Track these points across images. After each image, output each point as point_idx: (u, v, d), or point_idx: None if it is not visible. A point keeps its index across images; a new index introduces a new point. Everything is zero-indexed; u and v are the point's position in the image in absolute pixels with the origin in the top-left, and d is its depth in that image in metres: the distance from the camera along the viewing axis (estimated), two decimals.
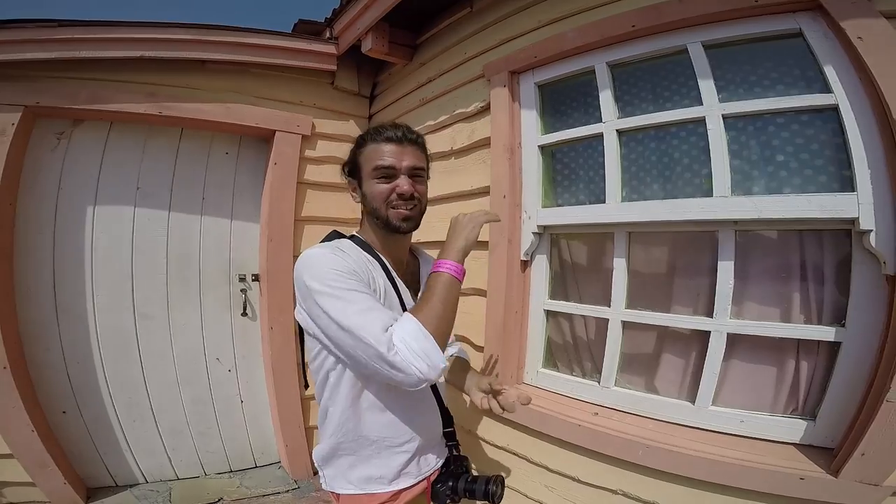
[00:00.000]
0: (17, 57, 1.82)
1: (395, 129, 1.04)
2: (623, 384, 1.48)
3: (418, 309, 0.89)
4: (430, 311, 0.87)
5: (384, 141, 1.03)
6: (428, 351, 0.83)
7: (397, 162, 1.01)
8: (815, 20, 1.16)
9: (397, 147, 1.03)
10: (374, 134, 1.05)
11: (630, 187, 1.47)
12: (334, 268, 0.91)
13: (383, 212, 1.03)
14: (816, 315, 1.17)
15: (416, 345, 0.83)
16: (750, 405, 1.24)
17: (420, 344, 0.83)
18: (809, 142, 1.17)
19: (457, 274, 0.93)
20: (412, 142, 1.05)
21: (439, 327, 0.87)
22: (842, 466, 0.99)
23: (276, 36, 2.24)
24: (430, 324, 0.86)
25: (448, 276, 0.92)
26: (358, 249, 1.04)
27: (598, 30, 1.48)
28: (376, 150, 1.03)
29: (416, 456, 1.06)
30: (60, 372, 2.09)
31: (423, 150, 1.10)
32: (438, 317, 0.88)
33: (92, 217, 2.14)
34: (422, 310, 0.88)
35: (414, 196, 1.03)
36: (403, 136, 1.04)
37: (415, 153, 1.05)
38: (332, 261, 0.92)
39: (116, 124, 2.18)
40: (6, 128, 1.86)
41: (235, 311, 2.46)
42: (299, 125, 2.37)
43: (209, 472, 2.45)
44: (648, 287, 1.46)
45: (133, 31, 1.97)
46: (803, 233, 1.19)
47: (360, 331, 0.83)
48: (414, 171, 1.04)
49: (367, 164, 1.04)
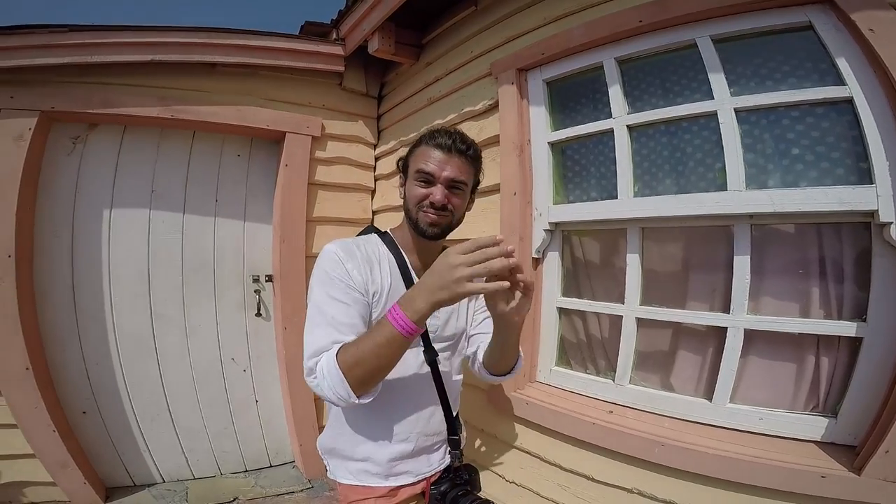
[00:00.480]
0: (30, 62, 1.85)
1: (447, 137, 1.04)
2: (638, 382, 1.46)
3: (352, 346, 0.87)
4: (357, 356, 0.85)
5: (434, 146, 1.04)
6: (336, 387, 0.86)
7: (438, 170, 1.02)
8: (825, 13, 1.14)
9: (444, 155, 1.03)
10: (428, 137, 1.06)
11: (642, 182, 1.45)
12: (326, 270, 0.98)
13: (414, 214, 1.05)
14: (836, 310, 1.15)
15: (329, 381, 0.86)
16: (769, 402, 1.22)
17: (332, 380, 0.86)
18: (825, 135, 1.15)
19: (404, 332, 0.82)
20: (461, 152, 1.04)
21: (357, 375, 0.85)
22: (865, 464, 0.97)
23: (284, 38, 2.26)
24: (349, 366, 0.85)
25: (394, 330, 0.82)
26: (377, 246, 1.08)
27: (606, 25, 1.46)
28: (424, 153, 1.04)
29: (412, 455, 1.09)
30: (80, 373, 2.13)
31: (472, 162, 1.09)
32: (361, 364, 0.85)
33: (108, 220, 2.18)
34: (351, 351, 0.86)
35: (446, 207, 1.03)
36: (453, 144, 1.03)
37: (460, 165, 1.04)
38: (328, 263, 0.99)
39: (130, 128, 2.21)
40: (24, 132, 1.90)
41: (249, 311, 2.48)
42: (309, 126, 2.39)
43: (225, 471, 2.48)
44: (663, 283, 1.44)
45: (143, 35, 1.99)
46: (821, 226, 1.16)
47: (305, 342, 0.93)
48: (452, 182, 1.03)
49: (413, 165, 1.06)
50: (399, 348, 0.85)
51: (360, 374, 0.85)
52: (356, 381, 0.85)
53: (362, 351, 0.85)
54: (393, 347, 0.84)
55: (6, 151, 1.87)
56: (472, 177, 1.10)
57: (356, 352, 0.86)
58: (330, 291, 0.96)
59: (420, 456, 1.11)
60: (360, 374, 0.85)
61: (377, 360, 0.85)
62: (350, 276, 0.97)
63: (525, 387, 1.67)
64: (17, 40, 1.82)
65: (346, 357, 0.86)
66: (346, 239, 1.07)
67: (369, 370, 0.85)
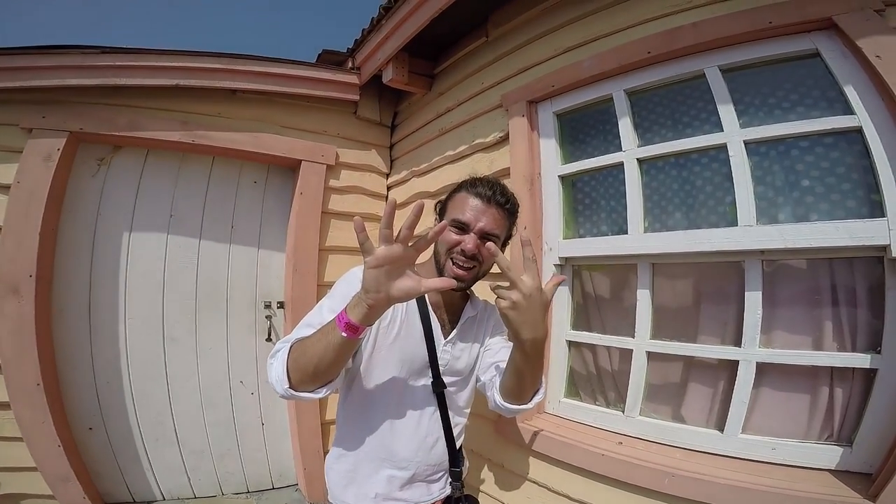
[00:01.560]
0: (62, 82, 1.91)
1: (487, 187, 1.06)
2: (648, 413, 1.44)
3: (306, 340, 0.90)
4: (302, 344, 0.90)
5: (474, 195, 1.06)
6: (276, 375, 0.91)
7: (473, 220, 1.04)
8: (830, 39, 1.16)
9: (482, 205, 1.05)
10: (469, 185, 1.09)
11: (653, 216, 1.45)
12: (340, 286, 1.04)
13: (442, 261, 1.06)
14: (850, 342, 1.13)
15: (276, 362, 0.92)
16: (782, 432, 1.20)
17: (275, 368, 0.91)
18: (835, 165, 1.15)
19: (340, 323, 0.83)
20: (499, 205, 1.07)
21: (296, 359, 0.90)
22: (880, 492, 0.95)
23: (302, 66, 2.33)
24: (293, 350, 0.91)
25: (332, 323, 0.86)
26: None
27: (615, 57, 1.49)
28: (462, 200, 1.07)
29: (409, 482, 1.10)
30: (90, 390, 2.14)
31: (509, 217, 1.11)
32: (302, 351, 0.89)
33: (127, 242, 2.22)
34: (301, 342, 0.91)
35: (476, 257, 1.04)
36: (493, 196, 1.06)
37: (496, 217, 1.06)
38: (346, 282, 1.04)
39: (153, 151, 2.27)
40: (52, 153, 1.94)
41: (260, 336, 2.50)
42: (324, 155, 2.44)
43: (227, 492, 2.46)
44: (674, 317, 1.43)
45: (170, 60, 2.06)
46: (833, 260, 1.16)
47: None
48: (486, 234, 1.05)
49: (451, 210, 1.08)
50: (342, 348, 0.85)
51: (298, 360, 0.89)
52: (293, 366, 0.89)
53: (308, 343, 0.89)
54: (337, 345, 0.84)
55: (35, 171, 1.91)
56: (506, 230, 1.12)
57: (304, 343, 0.90)
58: (332, 303, 0.99)
59: (418, 483, 1.12)
60: (299, 362, 0.89)
61: (315, 355, 0.86)
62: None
63: (533, 417, 1.65)
64: (52, 60, 1.89)
65: (296, 347, 0.91)
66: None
67: (306, 358, 0.88)
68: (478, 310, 1.25)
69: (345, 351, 0.86)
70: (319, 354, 0.85)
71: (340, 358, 0.87)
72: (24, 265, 1.88)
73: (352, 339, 0.83)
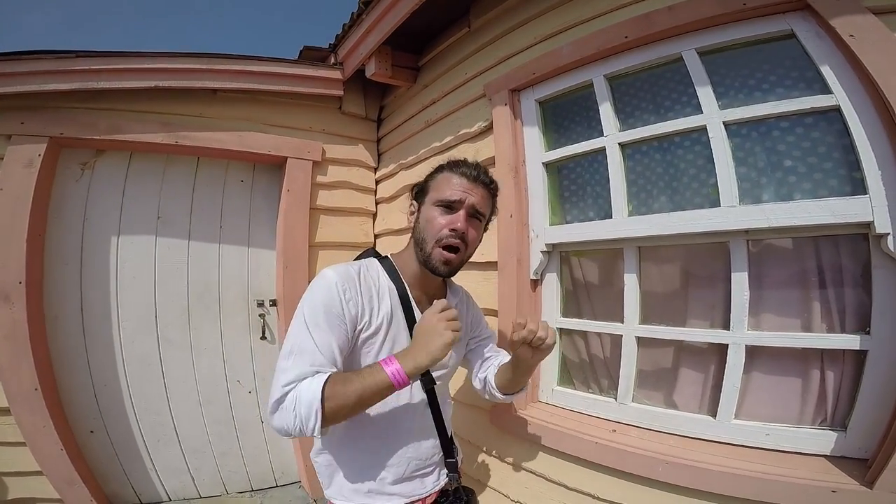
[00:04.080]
0: (39, 88, 1.90)
1: (472, 167, 1.05)
2: (641, 400, 1.44)
3: (339, 382, 0.85)
4: (341, 393, 0.84)
5: (458, 174, 1.04)
6: (306, 420, 0.83)
7: (462, 196, 1.01)
8: (805, 20, 1.14)
9: (469, 183, 1.03)
10: (452, 165, 1.07)
11: (638, 200, 1.45)
12: (318, 296, 0.94)
13: (429, 247, 1.01)
14: (839, 323, 1.12)
15: (301, 408, 0.83)
16: (775, 417, 1.19)
17: (305, 408, 0.83)
18: (816, 145, 1.14)
19: (397, 384, 0.86)
20: (485, 184, 1.06)
21: (336, 414, 0.85)
22: (877, 477, 0.94)
23: (283, 63, 2.31)
24: (331, 404, 0.83)
25: (388, 381, 0.86)
26: (379, 275, 1.05)
27: (593, 42, 1.48)
28: (447, 179, 1.04)
29: (403, 478, 1.08)
30: (88, 393, 2.16)
31: (492, 196, 1.10)
32: (341, 399, 0.84)
33: (116, 246, 2.22)
34: (338, 387, 0.84)
35: (465, 238, 1.02)
36: (477, 175, 1.04)
37: (483, 196, 1.05)
38: (323, 291, 0.94)
39: (136, 154, 2.26)
40: (33, 158, 1.94)
41: (255, 334, 2.50)
42: (310, 151, 2.43)
43: (231, 490, 2.48)
44: (662, 301, 1.43)
45: (146, 62, 2.05)
46: (818, 239, 1.14)
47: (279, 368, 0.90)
48: (475, 211, 1.03)
49: (434, 191, 1.05)
50: (383, 397, 0.88)
51: (335, 409, 0.84)
52: (330, 414, 0.84)
53: (348, 389, 0.84)
54: (380, 395, 0.87)
55: (17, 178, 1.91)
56: (489, 211, 1.10)
57: (342, 388, 0.84)
58: (317, 319, 0.91)
59: (412, 478, 1.10)
60: (336, 410, 0.84)
61: (358, 402, 0.85)
62: (343, 307, 0.93)
63: (527, 406, 1.65)
64: (27, 66, 1.87)
65: (332, 391, 0.84)
66: (347, 265, 1.02)
67: (346, 408, 0.85)
68: (458, 297, 1.24)
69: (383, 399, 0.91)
70: (366, 406, 0.89)
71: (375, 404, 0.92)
72: (13, 272, 1.88)
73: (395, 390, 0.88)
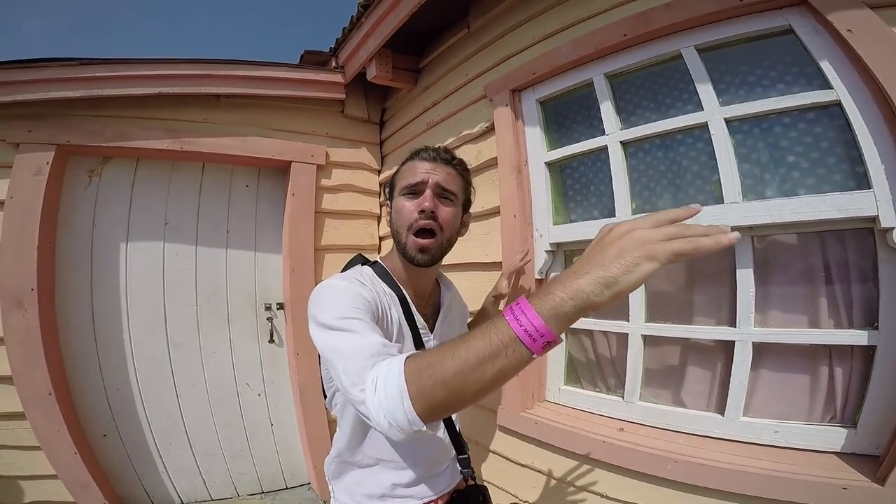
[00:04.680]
0: (45, 96, 1.92)
1: (431, 150, 1.03)
2: (648, 398, 1.44)
3: (425, 356, 0.61)
4: (432, 369, 0.57)
5: (419, 159, 1.01)
6: (392, 407, 0.60)
7: (425, 176, 0.98)
8: (802, 15, 1.14)
9: (430, 164, 1.00)
10: (413, 154, 1.05)
11: (641, 199, 1.45)
12: (339, 298, 0.84)
13: (403, 237, 0.98)
14: (846, 319, 1.11)
15: (384, 394, 0.61)
16: (784, 414, 1.18)
17: (388, 394, 0.60)
18: (818, 140, 1.13)
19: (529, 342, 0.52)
20: (446, 161, 1.02)
21: (429, 395, 0.58)
22: (888, 474, 0.93)
23: (285, 68, 2.32)
24: (417, 382, 0.58)
25: (511, 335, 0.53)
26: (377, 280, 1.01)
27: (592, 41, 1.48)
28: (410, 168, 1.02)
29: (419, 480, 1.05)
30: (101, 398, 2.19)
31: (461, 174, 1.05)
32: (436, 382, 0.57)
33: (125, 252, 2.25)
34: (427, 361, 0.59)
35: (436, 217, 0.96)
36: (437, 155, 1.01)
37: (449, 173, 1.01)
38: (339, 292, 0.86)
39: (143, 161, 2.29)
40: (42, 167, 1.96)
41: (263, 338, 2.52)
42: (314, 155, 2.44)
43: (242, 493, 2.50)
44: (668, 299, 1.42)
45: (150, 68, 2.07)
46: (824, 234, 1.14)
47: (339, 362, 0.72)
48: (441, 189, 0.98)
49: (399, 182, 1.03)
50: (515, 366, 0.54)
51: (433, 394, 0.57)
52: (426, 405, 0.58)
53: (441, 366, 0.57)
54: (498, 366, 0.54)
55: (26, 186, 1.94)
56: (462, 191, 1.05)
57: (431, 367, 0.58)
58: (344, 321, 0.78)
59: (426, 480, 1.08)
60: (433, 395, 0.57)
61: (460, 384, 0.55)
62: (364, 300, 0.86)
63: (534, 406, 1.65)
64: (32, 74, 1.90)
65: (417, 368, 0.60)
66: (347, 275, 0.96)
67: (451, 391, 0.56)
68: (451, 291, 1.22)
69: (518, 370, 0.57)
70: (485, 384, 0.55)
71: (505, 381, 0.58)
72: (25, 279, 1.91)
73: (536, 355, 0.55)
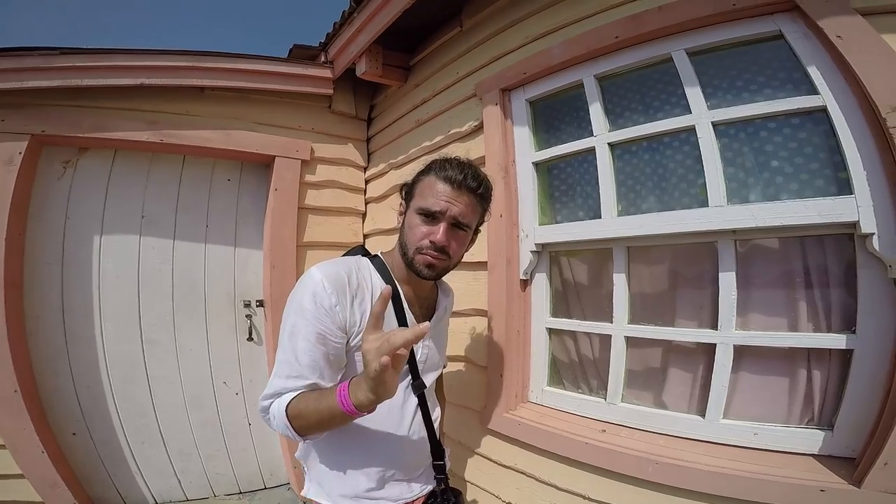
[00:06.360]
0: (20, 85, 1.86)
1: (458, 171, 0.98)
2: (630, 400, 1.44)
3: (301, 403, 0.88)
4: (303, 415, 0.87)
5: (443, 179, 0.97)
6: (283, 430, 0.90)
7: (443, 208, 0.96)
8: (793, 21, 1.15)
9: (453, 191, 0.97)
10: (439, 167, 1.00)
11: (627, 201, 1.45)
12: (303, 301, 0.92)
13: (410, 254, 0.99)
14: (825, 322, 1.13)
15: (276, 420, 0.91)
16: (763, 417, 1.20)
17: (278, 423, 0.90)
18: (802, 145, 1.15)
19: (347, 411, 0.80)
20: (471, 190, 0.98)
21: (301, 426, 0.88)
22: (864, 476, 0.94)
23: (272, 61, 2.28)
24: (294, 418, 0.88)
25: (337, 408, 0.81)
26: (370, 274, 1.01)
27: (583, 42, 1.48)
28: (431, 186, 0.99)
29: (392, 480, 1.05)
30: (70, 395, 2.12)
31: (481, 201, 1.03)
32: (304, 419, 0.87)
33: (99, 246, 2.18)
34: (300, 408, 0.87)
35: (446, 251, 0.98)
36: (463, 181, 0.97)
37: (468, 203, 0.99)
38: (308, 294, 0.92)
39: (120, 152, 2.22)
40: (13, 156, 1.90)
41: (241, 335, 2.47)
42: (298, 150, 2.41)
43: (218, 493, 2.45)
44: (651, 301, 1.43)
45: (132, 59, 2.01)
46: (805, 239, 1.15)
47: (275, 366, 0.94)
48: (457, 222, 0.98)
49: (419, 196, 1.01)
50: (341, 422, 0.86)
51: (303, 426, 0.88)
52: (301, 430, 0.89)
53: (308, 412, 0.86)
54: (335, 420, 0.85)
55: None
56: (478, 217, 1.05)
57: (303, 411, 0.87)
58: (302, 327, 0.90)
59: (401, 483, 1.08)
60: (304, 427, 0.88)
61: (318, 424, 0.87)
62: (331, 311, 0.90)
63: (517, 407, 1.64)
64: (10, 63, 1.83)
65: (294, 412, 0.88)
66: (336, 262, 0.99)
67: (311, 427, 0.88)
68: (449, 298, 1.23)
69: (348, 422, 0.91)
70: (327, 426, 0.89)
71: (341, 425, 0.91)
72: None
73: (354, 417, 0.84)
